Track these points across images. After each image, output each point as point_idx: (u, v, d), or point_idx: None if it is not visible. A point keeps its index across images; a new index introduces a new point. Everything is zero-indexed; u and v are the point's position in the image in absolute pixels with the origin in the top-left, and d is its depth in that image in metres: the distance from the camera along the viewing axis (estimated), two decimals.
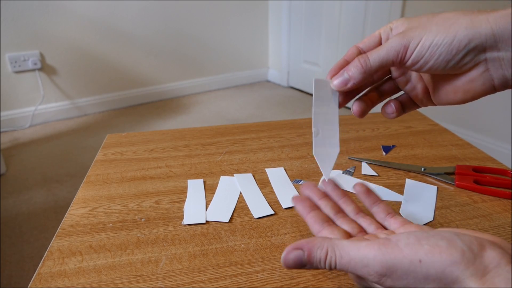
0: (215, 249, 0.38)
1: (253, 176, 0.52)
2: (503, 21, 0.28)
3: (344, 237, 0.32)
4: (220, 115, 2.30)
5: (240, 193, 0.48)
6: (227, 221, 0.42)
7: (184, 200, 0.47)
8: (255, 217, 0.43)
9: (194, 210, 0.44)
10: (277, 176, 0.52)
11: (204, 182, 0.51)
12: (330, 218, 0.35)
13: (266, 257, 0.37)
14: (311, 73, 2.60)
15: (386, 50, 0.32)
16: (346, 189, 0.48)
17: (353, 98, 0.39)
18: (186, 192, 0.48)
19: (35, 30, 2.04)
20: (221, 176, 0.52)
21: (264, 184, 0.50)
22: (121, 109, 2.43)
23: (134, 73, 2.44)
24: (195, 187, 0.49)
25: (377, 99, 0.39)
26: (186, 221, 0.42)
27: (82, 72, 2.27)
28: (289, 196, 0.47)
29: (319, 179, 0.51)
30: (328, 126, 0.37)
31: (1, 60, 2.01)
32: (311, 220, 0.34)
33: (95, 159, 0.58)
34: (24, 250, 1.18)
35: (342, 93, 0.38)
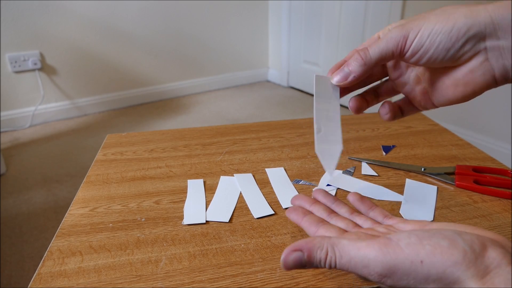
0: (215, 249, 0.38)
1: (253, 176, 0.52)
2: (502, 9, 0.28)
3: (340, 234, 0.32)
4: (220, 115, 2.30)
5: (240, 193, 0.48)
6: (227, 221, 0.42)
7: (184, 200, 0.47)
8: (255, 217, 0.43)
9: (194, 210, 0.44)
10: (277, 176, 0.52)
11: (204, 182, 0.51)
12: (324, 219, 0.35)
13: (266, 257, 0.37)
14: (311, 73, 2.59)
15: (386, 41, 0.32)
16: (346, 189, 0.48)
17: (354, 88, 0.39)
18: (186, 192, 0.48)
19: (35, 30, 2.04)
20: (221, 176, 0.52)
21: (264, 184, 0.50)
22: (121, 109, 2.43)
23: (134, 73, 2.44)
24: (195, 187, 0.49)
25: (374, 99, 0.39)
26: (186, 221, 0.42)
27: (82, 72, 2.27)
28: (289, 196, 0.47)
29: (319, 179, 0.51)
30: (330, 123, 0.37)
31: (1, 60, 2.02)
32: (306, 224, 0.34)
33: (95, 159, 0.58)
34: (24, 250, 1.18)
35: (343, 89, 0.38)
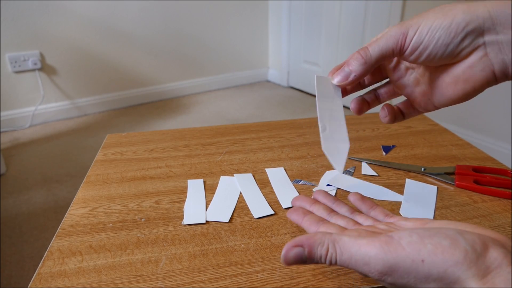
0: (215, 249, 0.38)
1: (253, 176, 0.52)
2: (500, 5, 0.29)
3: (341, 232, 0.32)
4: (220, 115, 2.30)
5: (240, 193, 0.48)
6: (227, 221, 0.42)
7: (184, 200, 0.47)
8: (255, 217, 0.43)
9: (194, 210, 0.44)
10: (277, 176, 0.52)
11: (204, 182, 0.51)
12: (325, 219, 0.35)
13: (266, 257, 0.37)
14: (311, 73, 2.59)
15: (385, 39, 0.32)
16: (346, 189, 0.48)
17: (354, 90, 0.39)
18: (186, 192, 0.48)
19: (35, 30, 2.04)
20: (221, 176, 0.52)
21: (264, 184, 0.50)
22: (121, 109, 2.43)
23: (134, 73, 2.44)
24: (195, 187, 0.49)
25: (375, 101, 0.40)
26: (186, 221, 0.42)
27: (82, 72, 2.27)
28: (289, 196, 0.47)
29: (319, 179, 0.51)
30: (335, 121, 0.37)
31: (1, 60, 2.02)
32: (307, 224, 0.34)
33: (95, 159, 0.58)
34: (24, 250, 1.18)
35: (343, 90, 0.38)
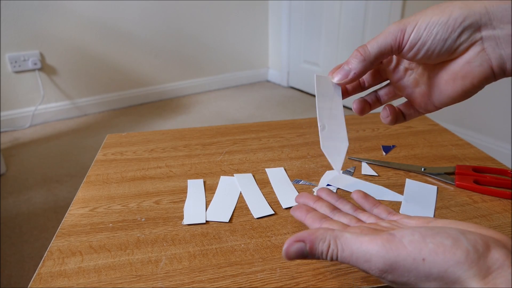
0: (215, 249, 0.38)
1: (253, 176, 0.52)
2: (496, 0, 0.29)
3: (343, 229, 0.32)
4: (220, 115, 2.30)
5: (240, 193, 0.48)
6: (227, 221, 0.42)
7: (184, 200, 0.47)
8: (255, 217, 0.43)
9: (194, 210, 0.44)
10: (277, 176, 0.52)
11: (204, 182, 0.51)
12: (327, 216, 0.35)
13: (266, 257, 0.37)
14: (311, 73, 2.59)
15: (384, 36, 0.32)
16: (346, 189, 0.48)
17: (354, 92, 0.39)
18: (186, 192, 0.48)
19: (35, 30, 2.04)
20: (221, 176, 0.52)
21: (264, 184, 0.50)
22: (121, 109, 2.43)
23: (134, 73, 2.44)
24: (195, 187, 0.49)
25: (376, 103, 0.40)
26: (186, 221, 0.42)
27: (82, 72, 2.27)
28: (289, 196, 0.47)
29: (319, 179, 0.51)
30: (334, 120, 0.37)
31: (1, 60, 2.01)
32: (310, 221, 0.35)
33: (95, 159, 0.58)
34: (24, 250, 1.18)
35: (345, 88, 0.39)
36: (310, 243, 0.27)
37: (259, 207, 0.45)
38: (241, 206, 0.45)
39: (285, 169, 0.53)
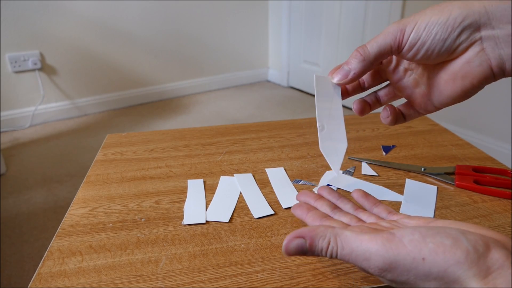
0: (215, 249, 0.38)
1: (253, 176, 0.52)
2: (496, 0, 0.29)
3: (344, 227, 0.32)
4: (220, 115, 2.30)
5: (240, 193, 0.48)
6: (227, 221, 0.42)
7: (184, 200, 0.47)
8: (255, 217, 0.43)
9: (194, 210, 0.44)
10: (277, 176, 0.52)
11: (204, 182, 0.51)
12: (328, 215, 0.35)
13: (266, 257, 0.37)
14: (311, 73, 2.59)
15: (383, 36, 0.32)
16: (346, 189, 0.48)
17: (354, 93, 0.39)
18: (186, 192, 0.48)
19: (35, 30, 2.04)
20: (221, 176, 0.52)
21: (264, 184, 0.50)
22: (121, 109, 2.43)
23: (134, 73, 2.44)
24: (195, 187, 0.49)
25: (376, 103, 0.40)
26: (186, 221, 0.42)
27: (82, 72, 2.27)
28: (289, 196, 0.47)
29: (319, 179, 0.51)
30: (333, 121, 0.37)
31: (1, 60, 2.01)
32: (310, 219, 0.35)
33: (95, 159, 0.58)
34: (24, 250, 1.18)
35: (345, 89, 0.39)
36: (310, 239, 0.27)
37: (259, 207, 0.45)
38: (241, 206, 0.45)
39: (285, 169, 0.53)
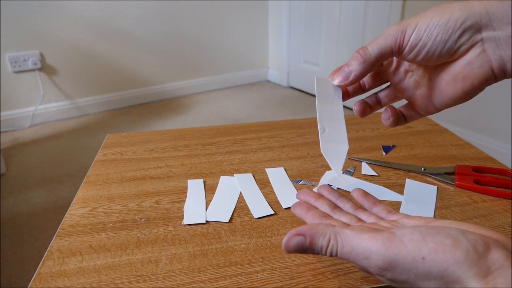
0: (215, 249, 0.38)
1: (253, 176, 0.52)
2: (496, 2, 0.29)
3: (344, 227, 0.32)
4: (220, 115, 2.30)
5: (240, 193, 0.48)
6: (227, 221, 0.42)
7: (184, 200, 0.47)
8: (255, 217, 0.43)
9: (194, 210, 0.44)
10: (277, 176, 0.52)
11: (204, 182, 0.51)
12: (328, 214, 0.35)
13: (266, 257, 0.37)
14: (311, 73, 2.60)
15: (384, 38, 0.32)
16: (346, 189, 0.48)
17: (355, 94, 0.39)
18: (186, 192, 0.48)
19: (35, 30, 2.04)
20: (221, 176, 0.52)
21: (264, 184, 0.50)
22: (121, 109, 2.43)
23: (134, 73, 2.44)
24: (195, 187, 0.49)
25: (377, 105, 0.40)
26: (186, 221, 0.42)
27: (82, 72, 2.27)
28: (289, 196, 0.47)
29: (319, 179, 0.51)
30: (334, 123, 0.37)
31: (1, 60, 2.01)
32: (310, 219, 0.35)
33: (95, 159, 0.58)
34: (24, 250, 1.18)
35: (345, 90, 0.39)
36: (310, 237, 0.27)
37: (259, 207, 0.45)
38: (241, 206, 0.45)
39: (285, 169, 0.53)
